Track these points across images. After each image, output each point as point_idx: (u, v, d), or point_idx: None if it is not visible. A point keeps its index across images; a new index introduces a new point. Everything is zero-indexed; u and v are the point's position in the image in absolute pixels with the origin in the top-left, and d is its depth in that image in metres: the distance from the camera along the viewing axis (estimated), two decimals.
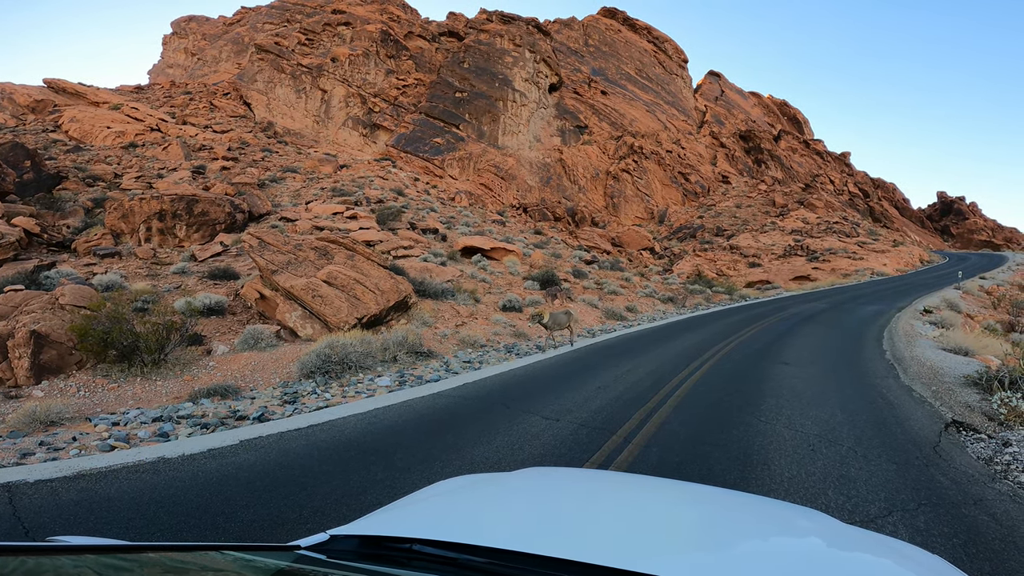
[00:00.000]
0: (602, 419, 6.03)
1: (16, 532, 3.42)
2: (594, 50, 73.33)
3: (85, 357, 7.83)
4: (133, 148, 34.38)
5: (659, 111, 71.64)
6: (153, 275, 13.68)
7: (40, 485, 4.09)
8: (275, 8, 64.43)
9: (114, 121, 37.47)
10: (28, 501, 3.81)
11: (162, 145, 34.77)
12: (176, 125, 40.35)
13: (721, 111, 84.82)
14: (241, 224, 19.34)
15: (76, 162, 28.94)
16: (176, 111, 45.48)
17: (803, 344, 12.19)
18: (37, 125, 38.16)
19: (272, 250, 11.56)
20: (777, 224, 53.20)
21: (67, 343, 7.79)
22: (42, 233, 15.80)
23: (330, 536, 1.38)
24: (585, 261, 28.97)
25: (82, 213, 19.62)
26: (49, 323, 7.74)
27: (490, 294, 16.99)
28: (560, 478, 2.07)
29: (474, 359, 10.52)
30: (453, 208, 36.48)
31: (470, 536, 1.26)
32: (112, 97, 44.59)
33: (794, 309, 21.09)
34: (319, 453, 4.99)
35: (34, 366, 7.40)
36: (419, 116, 50.09)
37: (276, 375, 8.76)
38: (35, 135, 34.22)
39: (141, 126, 37.85)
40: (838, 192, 73.81)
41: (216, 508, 3.74)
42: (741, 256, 44.42)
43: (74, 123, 36.63)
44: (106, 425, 6.22)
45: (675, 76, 79.48)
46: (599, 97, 65.15)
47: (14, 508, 3.73)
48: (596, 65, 70.91)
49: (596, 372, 8.94)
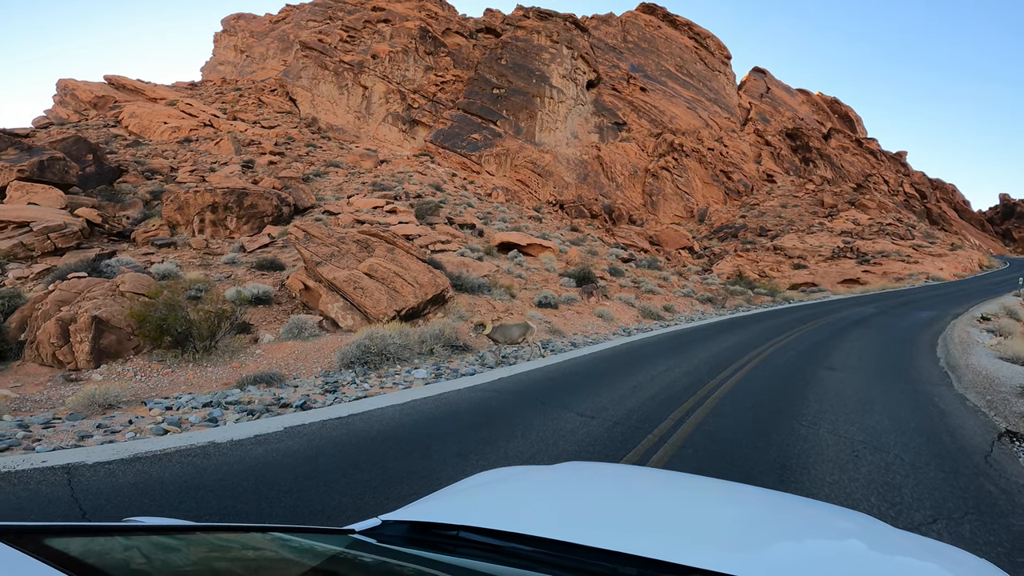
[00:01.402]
0: (637, 418, 5.97)
1: (73, 513, 3.52)
2: (633, 46, 72.09)
3: (142, 343, 8.27)
4: (187, 143, 35.91)
5: (700, 108, 69.88)
6: (205, 265, 14.31)
7: (98, 467, 4.23)
8: (317, 5, 65.94)
9: (170, 117, 39.20)
10: (86, 483, 3.94)
11: (214, 140, 36.20)
12: (227, 121, 41.90)
13: (766, 108, 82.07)
14: (287, 217, 19.97)
15: (135, 156, 30.46)
16: (227, 107, 47.23)
17: (850, 349, 11.72)
18: (99, 120, 40.28)
19: (316, 242, 11.90)
20: (825, 225, 51.18)
21: (126, 329, 8.24)
22: (103, 223, 16.72)
23: (382, 521, 1.44)
24: (622, 259, 28.61)
25: (141, 205, 20.65)
26: (109, 309, 8.21)
27: (526, 290, 17.01)
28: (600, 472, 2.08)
29: (509, 354, 10.55)
30: (490, 204, 36.64)
31: (514, 525, 1.29)
32: (168, 93, 46.62)
33: (842, 313, 20.29)
34: (358, 442, 5.10)
35: (94, 350, 7.84)
36: (457, 112, 50.42)
37: (318, 364, 9.02)
38: (97, 130, 36.15)
39: (195, 122, 39.48)
40: (893, 193, 70.37)
41: (261, 493, 3.85)
42: (785, 257, 42.98)
43: (133, 119, 38.52)
44: (160, 409, 6.46)
45: (717, 73, 77.30)
46: (638, 94, 64.04)
47: (72, 490, 3.84)
48: (635, 61, 69.72)
49: (631, 371, 8.83)
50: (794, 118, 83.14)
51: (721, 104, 74.39)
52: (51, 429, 5.50)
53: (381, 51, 50.10)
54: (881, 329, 15.31)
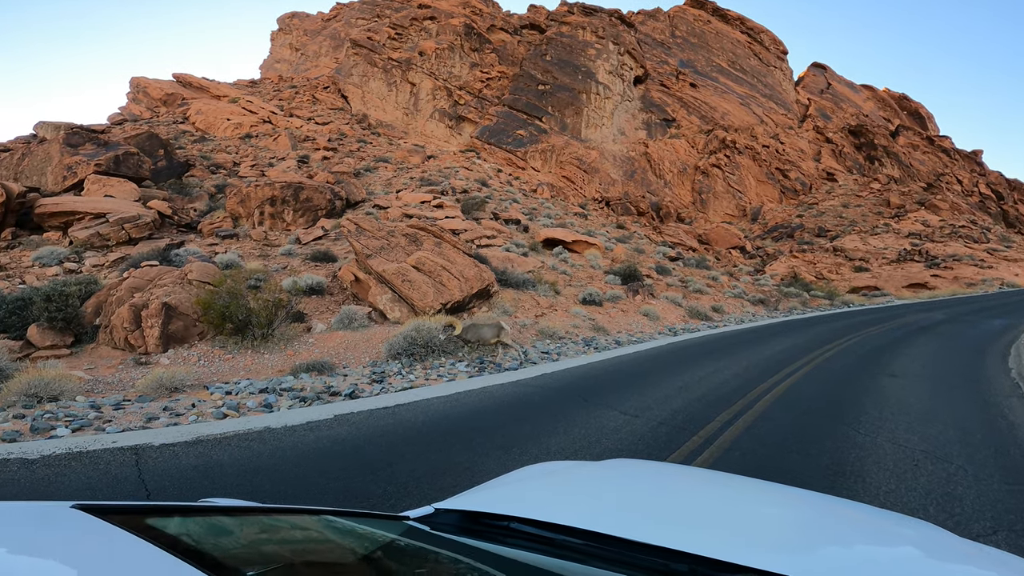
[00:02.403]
0: (683, 419, 5.87)
1: (139, 493, 3.67)
2: (681, 42, 70.09)
3: (206, 329, 8.77)
4: (248, 139, 37.60)
5: (754, 104, 67.25)
6: (264, 255, 15.00)
7: (163, 449, 4.44)
8: (366, 3, 67.35)
9: (232, 113, 41.12)
10: (152, 464, 4.13)
11: (272, 136, 37.74)
12: (284, 117, 43.56)
13: (827, 105, 78.03)
14: (339, 210, 20.63)
15: (201, 151, 32.17)
16: (284, 104, 49.09)
17: (914, 355, 11.07)
18: (168, 117, 42.72)
19: (367, 235, 12.26)
20: (891, 226, 48.30)
21: (192, 315, 8.75)
22: (173, 215, 17.79)
23: (435, 509, 1.48)
24: (669, 258, 28.01)
25: (206, 198, 21.83)
26: (178, 296, 8.75)
27: (570, 287, 16.93)
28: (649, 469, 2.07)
29: (552, 350, 10.57)
30: (535, 200, 36.60)
31: (566, 518, 1.30)
32: (230, 91, 48.89)
33: (906, 318, 19.16)
34: (404, 432, 5.22)
35: (163, 335, 8.37)
36: (502, 108, 50.53)
37: (366, 354, 9.30)
38: (167, 126, 38.36)
39: (255, 118, 41.26)
40: (967, 193, 65.55)
41: (312, 479, 3.98)
42: (846, 259, 40.89)
43: (199, 115, 40.65)
44: (220, 394, 6.76)
45: (773, 68, 74.13)
46: (688, 90, 62.28)
47: (139, 470, 4.02)
48: (684, 57, 67.79)
49: (678, 371, 8.67)
50: (858, 114, 78.69)
51: (777, 100, 71.36)
52: (121, 411, 5.84)
53: (428, 48, 50.80)
54: (949, 336, 14.37)
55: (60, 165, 19.95)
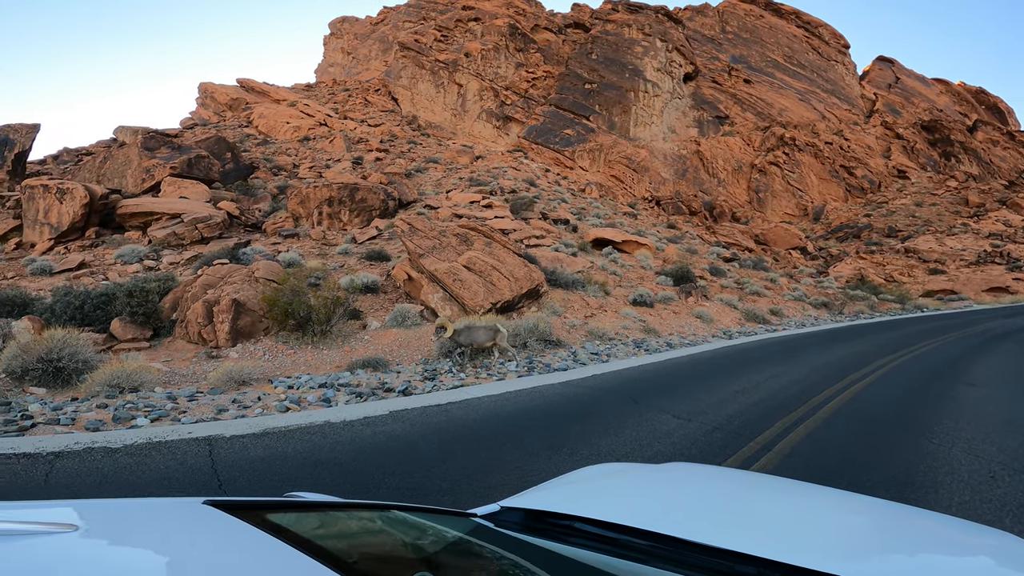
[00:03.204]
0: (739, 424, 5.71)
1: (211, 484, 3.84)
2: (732, 37, 67.53)
3: (270, 324, 9.22)
4: (306, 141, 39.18)
5: (815, 100, 64.00)
6: (323, 254, 15.61)
7: (234, 440, 4.66)
8: (411, 7, 68.59)
9: (291, 117, 42.94)
10: (224, 455, 4.34)
11: (328, 138, 39.16)
12: (339, 120, 45.08)
13: (896, 99, 73.22)
14: (392, 210, 21.17)
15: (264, 154, 33.79)
16: (338, 107, 50.79)
17: (995, 364, 10.26)
18: (233, 121, 45.06)
19: (420, 235, 12.53)
20: (970, 226, 44.85)
21: (258, 311, 9.22)
22: (240, 215, 18.79)
23: (500, 507, 1.52)
24: (724, 258, 27.12)
25: (270, 199, 22.92)
26: (246, 293, 9.24)
27: (620, 287, 16.71)
28: (710, 473, 2.06)
29: (602, 351, 10.47)
30: (583, 199, 36.30)
31: (630, 519, 1.31)
32: (289, 95, 50.98)
33: (986, 324, 17.77)
34: (456, 429, 5.31)
35: (232, 330, 8.86)
36: (549, 108, 50.34)
37: (418, 352, 9.50)
38: (233, 130, 40.48)
39: (312, 121, 42.92)
40: None
41: (369, 473, 4.10)
42: (919, 261, 38.29)
43: (262, 119, 42.69)
44: (283, 388, 7.05)
45: (834, 63, 70.29)
46: (741, 86, 59.99)
47: (212, 461, 4.22)
48: (736, 53, 65.31)
49: (734, 375, 8.41)
50: (931, 109, 73.43)
51: (840, 95, 67.65)
52: (194, 402, 6.20)
53: (473, 49, 51.27)
54: None
55: (139, 168, 21.45)
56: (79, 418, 5.36)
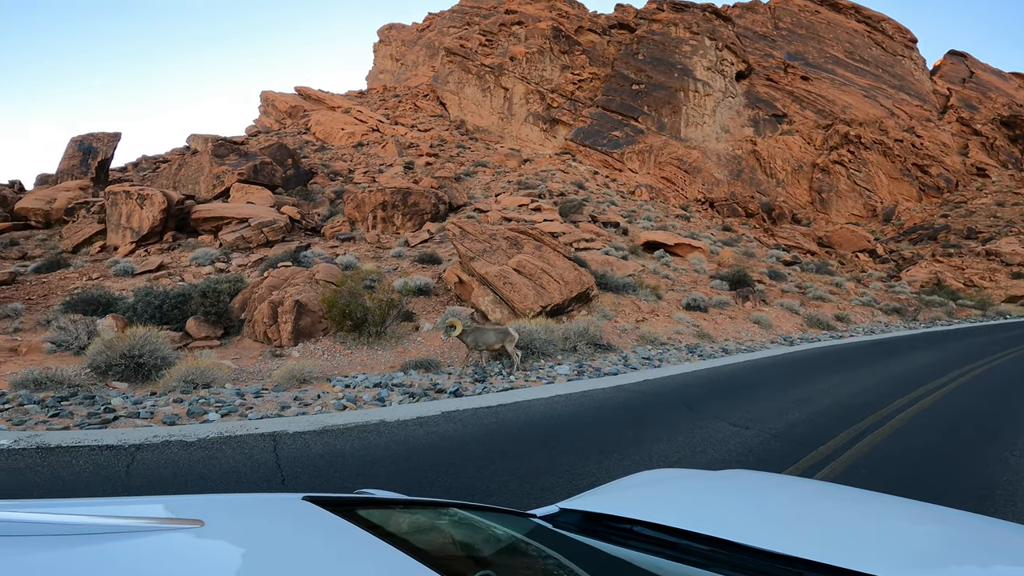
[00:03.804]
0: (800, 433, 5.48)
1: (275, 479, 3.99)
2: (787, 34, 64.64)
3: (329, 325, 9.60)
4: (360, 147, 40.51)
5: (881, 96, 60.29)
6: (377, 257, 16.10)
7: (296, 436, 4.84)
8: (455, 12, 69.49)
9: (346, 123, 44.49)
10: (287, 450, 4.52)
11: (380, 144, 40.33)
12: (390, 125, 46.33)
13: (972, 94, 67.88)
14: (443, 214, 21.57)
15: (322, 160, 35.20)
16: (389, 113, 52.20)
17: None
18: (293, 128, 47.14)
19: (471, 239, 12.71)
20: None
21: (318, 312, 9.62)
22: (301, 219, 19.66)
23: (559, 509, 1.53)
24: (784, 262, 26.00)
25: (327, 203, 23.87)
26: (307, 295, 9.66)
27: (673, 291, 16.33)
28: (772, 481, 2.01)
29: (654, 356, 10.28)
30: (633, 202, 35.73)
31: (690, 524, 1.30)
32: (343, 102, 52.80)
33: None
34: (506, 431, 5.34)
35: (294, 330, 9.27)
36: (596, 110, 49.83)
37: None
38: (293, 137, 42.37)
39: (365, 127, 44.30)
40: None
41: (422, 472, 4.18)
42: (1002, 264, 35.32)
43: (319, 126, 44.47)
44: (340, 387, 7.28)
45: (900, 57, 65.98)
46: (799, 83, 57.29)
47: (277, 456, 4.38)
48: (791, 49, 62.46)
49: (795, 383, 8.07)
50: (1010, 104, 67.62)
51: (909, 91, 63.46)
52: (260, 398, 6.50)
53: (518, 53, 51.45)
54: None
55: (210, 174, 22.85)
56: (157, 412, 5.74)
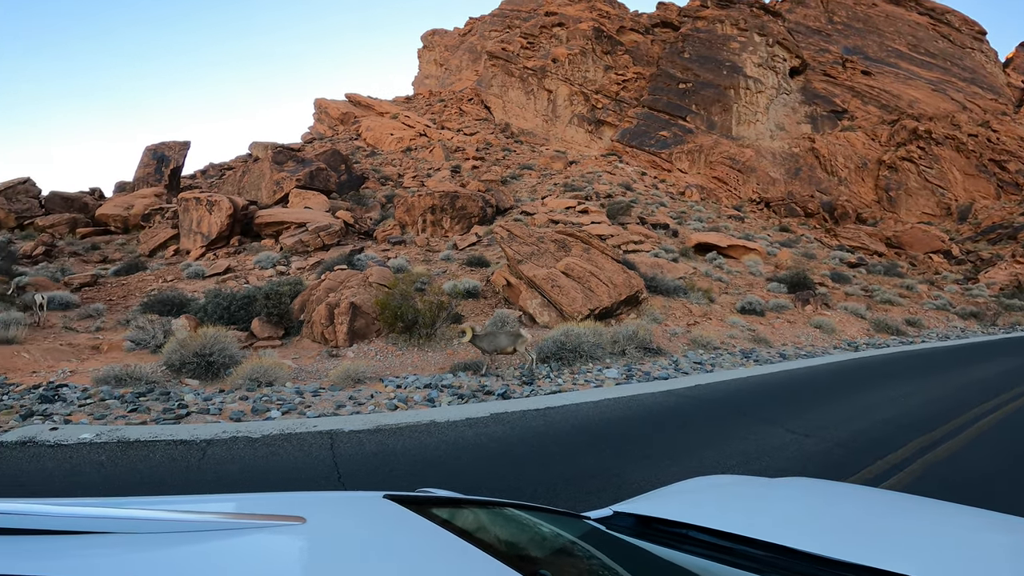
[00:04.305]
0: (865, 441, 5.23)
1: (332, 476, 4.11)
2: (842, 28, 61.35)
3: (381, 327, 9.90)
4: (409, 151, 41.46)
5: (951, 89, 56.25)
6: (427, 260, 16.46)
7: (352, 435, 4.99)
8: (496, 16, 69.80)
9: (394, 129, 45.63)
10: (342, 448, 4.66)
11: (428, 148, 41.13)
12: (437, 130, 47.14)
13: None
14: (490, 217, 21.79)
15: (372, 165, 36.28)
16: (435, 117, 53.10)
17: None
18: (345, 134, 48.74)
19: (519, 241, 12.78)
20: None
21: (371, 314, 9.94)
22: (355, 224, 20.36)
23: (613, 512, 1.54)
24: (848, 263, 24.72)
25: (379, 207, 24.60)
26: (361, 297, 10.00)
27: (726, 294, 15.84)
28: (835, 489, 1.95)
29: (706, 361, 10.01)
30: (683, 203, 34.89)
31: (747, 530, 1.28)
32: (391, 108, 54.11)
33: None
34: (554, 434, 5.34)
35: (349, 331, 9.61)
36: (642, 110, 48.95)
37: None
38: (345, 143, 43.82)
39: (413, 132, 45.29)
40: None
41: (470, 473, 4.24)
42: None
43: (369, 131, 45.82)
44: (392, 387, 7.46)
45: (969, 50, 61.36)
46: (859, 78, 54.27)
47: (333, 454, 4.52)
48: (848, 44, 59.26)
49: (861, 390, 7.70)
50: None
51: (981, 84, 58.94)
52: (318, 397, 6.75)
53: (560, 55, 51.20)
54: None
55: (271, 181, 24.01)
56: (225, 408, 6.08)
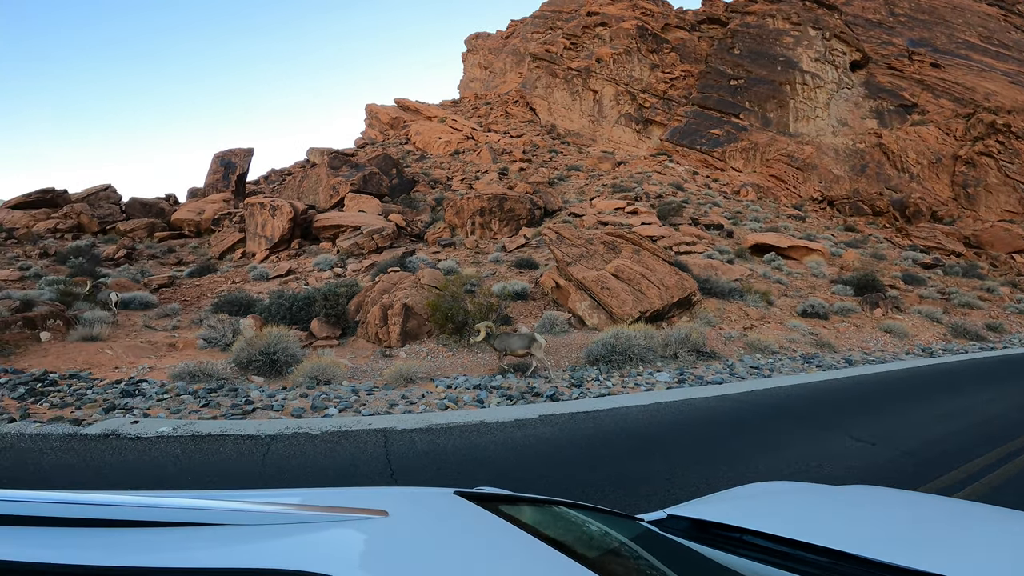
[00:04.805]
0: (938, 451, 4.96)
1: (385, 472, 4.25)
2: (905, 20, 57.53)
3: (432, 328, 10.12)
4: (456, 155, 42.04)
5: None
6: (476, 262, 16.67)
7: (404, 433, 5.14)
8: (537, 18, 69.45)
9: (442, 132, 46.41)
10: (395, 446, 4.81)
11: (475, 151, 41.57)
12: (483, 133, 47.53)
13: None
14: (538, 219, 21.81)
15: (422, 168, 37.06)
16: (481, 120, 53.53)
17: None
18: (395, 138, 49.98)
19: (567, 243, 12.74)
20: None
21: (423, 315, 10.18)
22: (406, 226, 20.89)
23: (667, 515, 1.54)
24: (922, 264, 23.17)
25: (429, 210, 25.12)
26: (414, 298, 10.26)
27: (786, 297, 15.20)
28: (902, 496, 1.87)
29: (763, 365, 9.65)
30: (739, 202, 33.69)
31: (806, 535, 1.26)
32: (438, 112, 54.94)
33: None
34: (604, 437, 5.31)
35: (402, 332, 9.88)
36: (691, 108, 47.62)
37: (565, 359, 9.63)
38: (395, 147, 44.93)
39: (460, 135, 45.90)
40: None
41: (518, 474, 4.28)
42: None
43: (418, 136, 46.82)
44: (443, 387, 7.61)
45: None
46: (928, 71, 50.76)
47: (387, 451, 4.66)
48: (913, 36, 55.54)
49: (934, 398, 7.31)
50: None
51: None
52: (372, 396, 6.96)
53: (604, 54, 50.50)
54: None
55: (327, 185, 24.98)
56: (287, 405, 6.38)
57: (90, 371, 7.84)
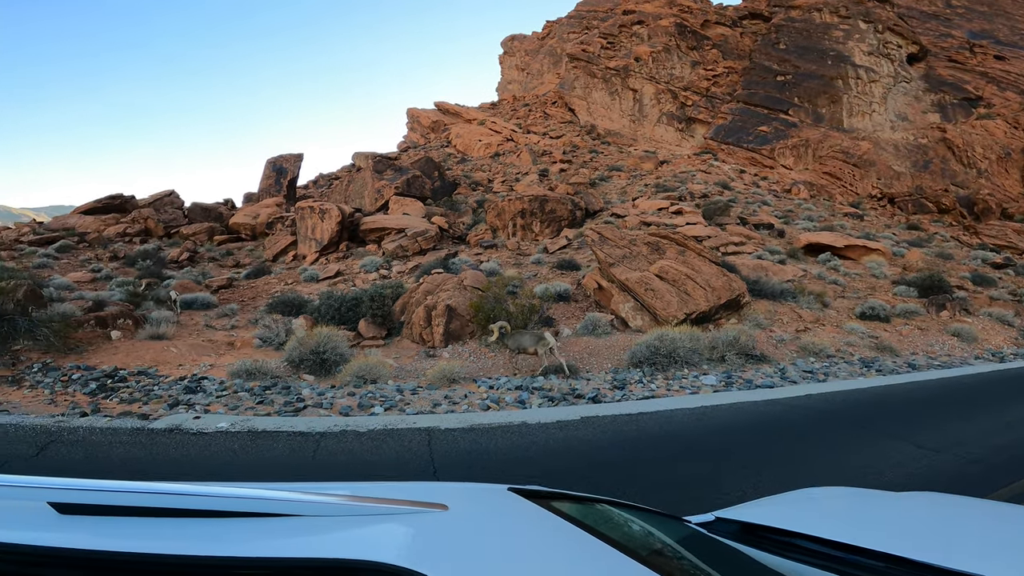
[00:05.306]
0: (1007, 458, 4.73)
1: (428, 470, 4.31)
2: (963, 11, 53.86)
3: (475, 328, 10.23)
4: (497, 157, 42.25)
5: None
6: (518, 264, 16.72)
7: (447, 433, 5.21)
8: (572, 18, 68.69)
9: (482, 135, 46.77)
10: (438, 445, 4.89)
11: (515, 153, 41.68)
12: (523, 134, 47.60)
13: None
14: (580, 220, 21.67)
15: (463, 171, 37.46)
16: (520, 122, 53.55)
17: None
18: (436, 142, 50.71)
19: (610, 244, 12.62)
20: None
21: (465, 316, 10.30)
22: (448, 229, 21.20)
23: (715, 518, 1.52)
24: (993, 264, 21.71)
25: (470, 212, 25.39)
26: (457, 300, 10.41)
27: (843, 298, 14.56)
28: (965, 503, 1.79)
29: (817, 369, 9.28)
30: (790, 201, 32.47)
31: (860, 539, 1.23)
32: (478, 115, 55.33)
33: None
34: (647, 440, 5.23)
35: (445, 332, 10.04)
36: (736, 105, 46.15)
37: (608, 361, 9.53)
38: (436, 150, 45.58)
39: (500, 137, 46.13)
40: None
41: (559, 475, 4.27)
42: None
43: (458, 138, 47.36)
44: (485, 388, 7.67)
45: None
46: (992, 63, 47.52)
47: (431, 450, 4.74)
48: (973, 28, 52.03)
49: (1004, 403, 6.95)
50: None
51: None
52: (416, 395, 7.10)
53: (642, 53, 49.56)
54: None
55: (372, 189, 25.65)
56: (335, 403, 6.58)
57: (156, 368, 8.28)
